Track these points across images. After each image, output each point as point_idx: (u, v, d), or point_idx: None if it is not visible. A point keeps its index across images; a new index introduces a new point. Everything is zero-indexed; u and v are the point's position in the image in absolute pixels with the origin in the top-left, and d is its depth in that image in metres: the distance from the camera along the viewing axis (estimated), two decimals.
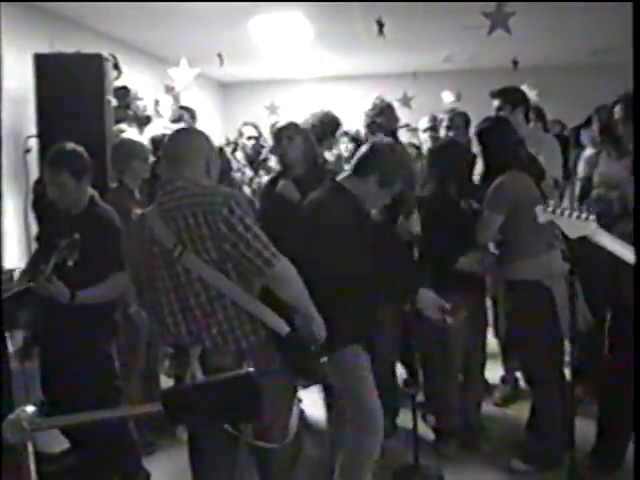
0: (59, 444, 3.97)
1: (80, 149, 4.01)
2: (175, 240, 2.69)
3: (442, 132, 5.86)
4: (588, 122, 6.14)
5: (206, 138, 3.04)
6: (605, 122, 5.01)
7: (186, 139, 3.02)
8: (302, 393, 5.05)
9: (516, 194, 4.10)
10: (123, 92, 6.67)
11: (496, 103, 5.27)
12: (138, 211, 4.53)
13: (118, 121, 6.33)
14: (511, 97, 5.17)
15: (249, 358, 2.72)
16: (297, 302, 2.83)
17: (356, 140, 5.46)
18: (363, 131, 5.38)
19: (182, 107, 8.26)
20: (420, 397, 4.69)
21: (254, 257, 2.68)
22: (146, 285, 2.86)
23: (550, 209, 3.11)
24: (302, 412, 5.04)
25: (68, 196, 3.80)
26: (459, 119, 5.85)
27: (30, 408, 1.48)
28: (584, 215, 3.07)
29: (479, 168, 4.65)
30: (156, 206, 2.83)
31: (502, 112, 5.10)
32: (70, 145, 3.98)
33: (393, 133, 4.40)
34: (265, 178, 5.77)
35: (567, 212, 3.09)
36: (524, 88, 6.00)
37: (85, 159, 3.88)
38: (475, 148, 4.65)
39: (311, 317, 2.87)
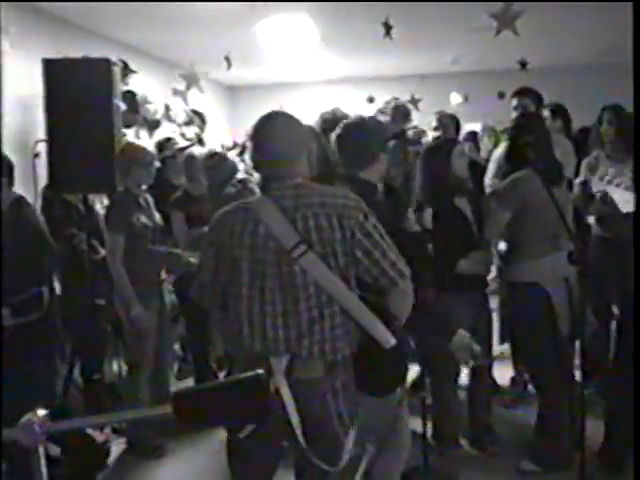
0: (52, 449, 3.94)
1: None
2: (298, 239, 2.53)
3: (430, 133, 5.85)
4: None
5: (305, 125, 2.83)
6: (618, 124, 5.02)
7: (285, 127, 2.71)
8: None
9: (526, 194, 4.08)
10: (129, 96, 6.71)
11: (514, 102, 5.27)
12: (141, 217, 4.56)
13: (128, 126, 6.37)
14: (530, 96, 5.18)
15: (339, 369, 2.62)
16: (403, 315, 2.75)
17: None
18: None
19: (192, 111, 8.31)
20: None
21: (388, 267, 2.60)
22: (245, 285, 2.62)
23: (607, 178, 3.09)
24: None
25: None
26: (447, 120, 5.82)
27: (41, 411, 1.48)
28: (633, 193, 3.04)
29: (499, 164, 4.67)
30: (272, 200, 2.60)
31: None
32: None
33: (402, 134, 4.40)
34: None
35: (622, 185, 3.06)
36: None
37: (2, 161, 3.70)
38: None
39: (403, 332, 2.78)
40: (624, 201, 4.65)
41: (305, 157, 2.72)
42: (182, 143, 7.13)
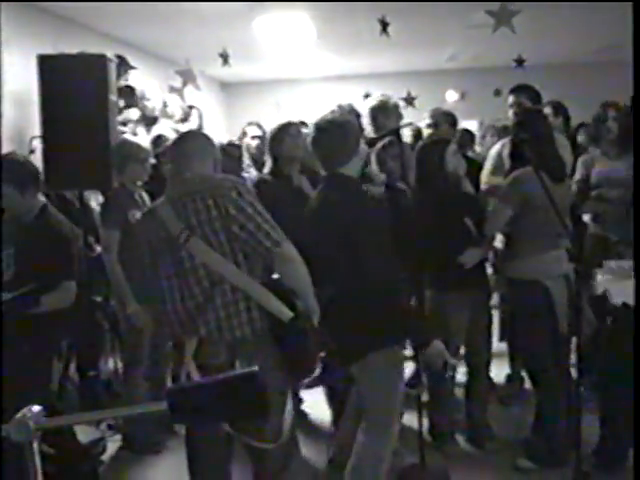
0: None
1: (24, 159, 3.97)
2: (181, 226, 2.76)
3: (425, 131, 5.83)
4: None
5: (210, 140, 3.14)
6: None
7: (193, 140, 3.09)
8: (306, 394, 5.08)
9: (527, 191, 4.07)
10: (128, 91, 6.69)
11: (511, 100, 5.25)
12: (137, 213, 4.56)
13: (124, 123, 6.36)
14: (528, 94, 5.17)
15: (242, 353, 2.74)
16: (301, 286, 2.84)
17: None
18: (369, 128, 5.37)
19: (189, 106, 8.28)
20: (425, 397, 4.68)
21: (263, 237, 2.75)
22: (149, 275, 2.92)
23: (603, 277, 3.11)
24: (306, 415, 5.05)
25: (13, 208, 3.79)
26: (441, 117, 5.79)
27: (36, 407, 1.48)
28: (627, 275, 3.07)
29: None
30: (166, 197, 2.92)
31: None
32: (12, 155, 3.97)
33: (397, 131, 4.38)
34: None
35: (614, 276, 3.10)
36: None
37: (28, 170, 3.83)
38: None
39: (312, 305, 2.86)
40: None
41: (209, 161, 3.01)
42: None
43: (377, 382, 3.35)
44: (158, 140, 6.52)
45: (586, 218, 5.16)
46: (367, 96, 10.25)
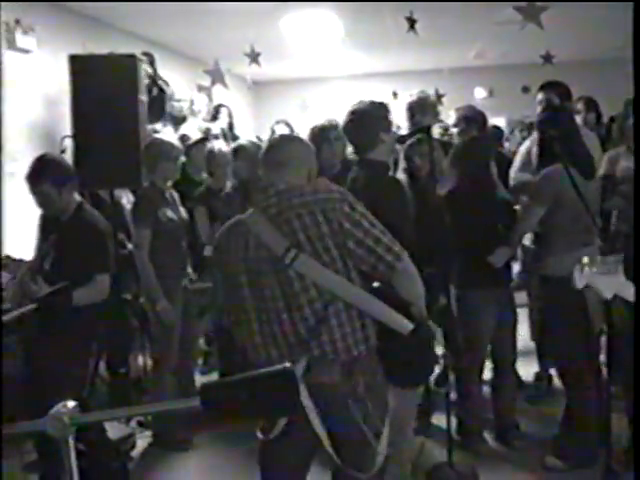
0: None
1: (61, 158, 4.09)
2: (287, 244, 2.52)
3: (453, 129, 5.77)
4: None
5: (307, 146, 2.91)
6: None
7: (289, 146, 2.85)
8: None
9: (559, 189, 4.05)
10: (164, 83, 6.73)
11: (539, 97, 5.21)
12: (167, 211, 4.59)
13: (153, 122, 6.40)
14: (558, 90, 5.12)
15: (357, 372, 2.58)
16: (418, 299, 2.67)
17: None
18: (406, 124, 5.35)
19: (219, 105, 8.31)
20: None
21: (384, 252, 2.55)
22: (248, 297, 2.65)
23: (585, 272, 3.06)
24: None
25: (51, 205, 3.87)
26: (471, 113, 5.71)
27: (71, 403, 1.50)
28: (613, 269, 3.01)
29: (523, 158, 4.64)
30: (260, 211, 2.64)
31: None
32: (50, 155, 4.06)
33: (427, 129, 4.38)
34: None
35: (599, 269, 3.03)
36: None
37: (66, 168, 3.93)
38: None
39: (425, 316, 2.70)
40: None
41: (300, 171, 2.76)
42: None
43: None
44: (182, 139, 6.56)
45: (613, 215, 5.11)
46: (395, 94, 10.26)
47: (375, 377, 2.62)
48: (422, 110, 5.26)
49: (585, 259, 3.04)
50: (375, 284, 2.66)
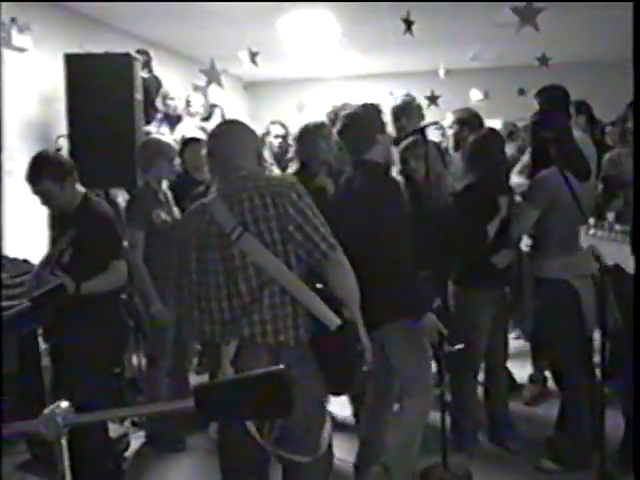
0: None
1: (57, 154, 4.10)
2: (235, 222, 2.67)
3: (449, 131, 5.75)
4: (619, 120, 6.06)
5: (250, 129, 3.03)
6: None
7: (235, 131, 2.99)
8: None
9: (554, 191, 4.06)
10: (154, 80, 6.72)
11: (537, 101, 5.22)
12: (161, 213, 4.58)
13: (148, 121, 6.38)
14: (555, 93, 5.12)
15: (284, 360, 2.56)
16: (349, 293, 2.79)
17: None
18: (391, 128, 5.35)
19: (212, 105, 8.31)
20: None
21: (320, 240, 2.69)
22: (194, 271, 2.79)
23: (592, 232, 3.06)
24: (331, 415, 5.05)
25: (55, 201, 3.86)
26: (467, 116, 5.70)
27: (64, 403, 1.49)
28: (620, 238, 3.01)
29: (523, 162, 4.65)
30: (219, 193, 2.81)
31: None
32: (46, 152, 4.07)
33: (422, 131, 4.38)
34: None
35: (607, 234, 3.02)
36: None
37: (64, 163, 3.91)
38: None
39: (357, 314, 2.81)
40: None
41: (252, 155, 2.92)
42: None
43: (408, 342, 3.59)
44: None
45: (610, 217, 5.11)
46: (392, 95, 10.26)
47: (305, 371, 2.63)
48: (407, 113, 5.26)
49: (592, 220, 3.05)
50: (318, 285, 2.78)
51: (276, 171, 6.39)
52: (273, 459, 2.91)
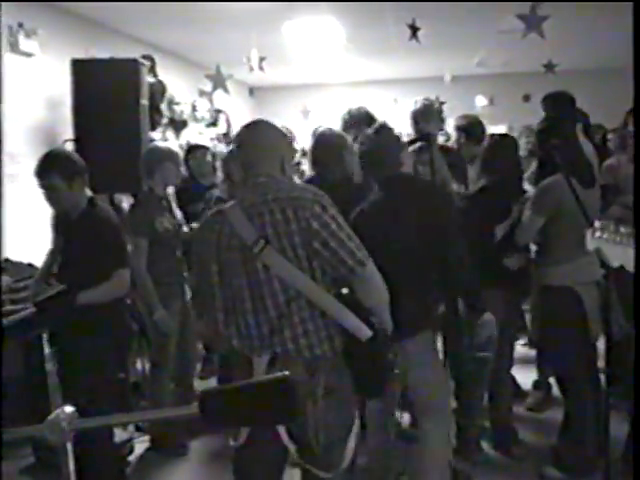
0: None
1: (70, 152, 4.02)
2: (257, 235, 2.54)
3: (453, 136, 5.74)
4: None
5: (279, 133, 2.90)
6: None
7: (262, 133, 2.84)
8: None
9: (559, 199, 4.06)
10: (160, 86, 6.73)
11: (543, 107, 5.22)
12: (165, 221, 4.59)
13: (154, 127, 6.40)
14: (561, 100, 5.12)
15: (320, 370, 2.58)
16: (379, 307, 2.70)
17: None
18: (411, 130, 5.35)
19: (217, 110, 8.34)
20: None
21: (347, 256, 2.56)
22: (217, 285, 2.68)
23: (597, 235, 3.06)
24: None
25: (62, 200, 3.79)
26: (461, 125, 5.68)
27: (69, 408, 1.49)
28: (625, 241, 3.00)
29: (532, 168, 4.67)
30: (238, 202, 2.66)
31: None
32: (59, 149, 4.05)
33: (427, 137, 4.37)
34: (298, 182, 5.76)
35: (612, 236, 3.02)
36: None
37: (75, 162, 3.85)
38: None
39: (388, 324, 2.73)
40: None
41: (277, 160, 2.76)
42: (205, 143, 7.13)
43: (432, 360, 3.57)
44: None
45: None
46: (396, 101, 10.27)
47: (341, 379, 2.61)
48: (426, 117, 5.25)
49: (597, 223, 3.04)
50: (344, 290, 2.69)
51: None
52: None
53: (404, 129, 5.42)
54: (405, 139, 5.01)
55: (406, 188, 3.62)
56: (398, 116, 5.48)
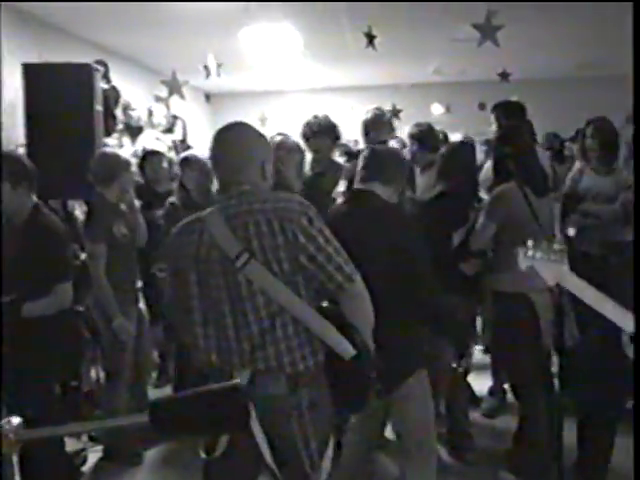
0: None
1: (18, 155, 3.94)
2: (240, 247, 2.44)
3: (408, 145, 5.73)
4: (577, 136, 6.17)
5: (259, 136, 2.76)
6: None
7: (240, 138, 2.70)
8: None
9: (511, 206, 4.11)
10: (114, 92, 6.67)
11: (493, 116, 5.29)
12: (122, 227, 4.54)
13: (109, 133, 6.34)
14: (511, 109, 5.19)
15: (303, 385, 2.50)
16: (364, 324, 2.58)
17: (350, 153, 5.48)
18: (361, 140, 5.38)
19: (173, 116, 8.28)
20: None
21: (335, 271, 2.47)
22: (195, 297, 2.56)
23: (530, 254, 3.04)
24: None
25: (5, 204, 3.67)
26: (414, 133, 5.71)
27: (16, 419, 1.46)
28: (559, 257, 3.00)
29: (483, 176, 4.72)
30: (218, 210, 2.55)
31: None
32: (10, 151, 3.98)
33: (383, 144, 4.41)
34: None
35: (545, 255, 3.01)
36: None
37: (23, 166, 3.75)
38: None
39: (370, 342, 2.59)
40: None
41: (258, 166, 2.65)
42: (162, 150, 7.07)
43: (421, 402, 3.38)
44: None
45: (570, 233, 5.18)
46: (353, 108, 10.31)
47: (321, 394, 2.54)
48: (377, 127, 5.28)
49: (530, 242, 3.03)
50: (324, 304, 2.61)
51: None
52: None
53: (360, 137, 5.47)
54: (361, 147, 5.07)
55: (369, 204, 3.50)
56: (355, 124, 5.49)
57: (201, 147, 6.33)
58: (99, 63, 5.99)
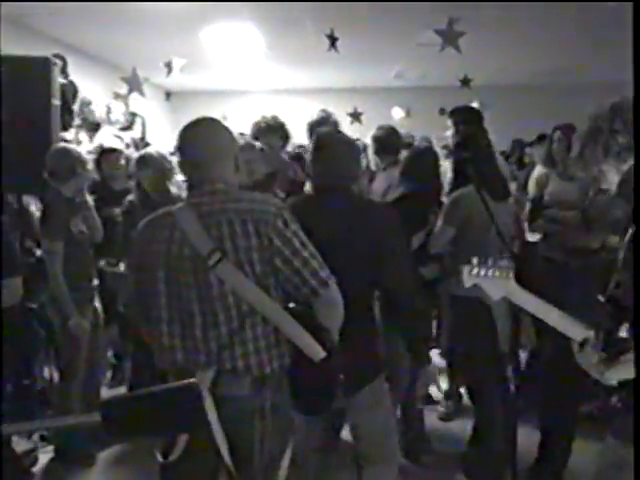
0: None
1: None
2: (213, 246, 2.40)
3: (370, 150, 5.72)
4: (539, 140, 6.23)
5: (229, 131, 2.69)
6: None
7: (211, 133, 2.65)
8: None
9: (469, 210, 4.13)
10: (71, 87, 6.59)
11: (450, 121, 5.31)
12: (79, 224, 4.48)
13: (65, 127, 6.25)
14: (469, 115, 5.21)
15: (267, 388, 2.47)
16: (335, 327, 2.54)
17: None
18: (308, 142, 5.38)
19: (132, 114, 8.21)
20: None
21: (309, 276, 2.46)
22: (163, 294, 2.50)
23: (475, 272, 3.03)
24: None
25: None
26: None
27: None
28: (504, 273, 3.00)
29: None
30: (191, 206, 2.51)
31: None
32: None
33: None
34: None
35: (490, 272, 3.01)
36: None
37: None
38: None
39: (336, 345, 2.55)
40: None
41: (231, 162, 2.62)
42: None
43: (382, 407, 3.29)
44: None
45: (531, 238, 5.22)
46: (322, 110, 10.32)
47: (283, 396, 2.52)
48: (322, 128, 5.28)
49: (475, 260, 3.02)
50: (291, 305, 2.57)
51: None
52: None
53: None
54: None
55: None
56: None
57: (160, 145, 6.29)
58: (57, 57, 5.90)
